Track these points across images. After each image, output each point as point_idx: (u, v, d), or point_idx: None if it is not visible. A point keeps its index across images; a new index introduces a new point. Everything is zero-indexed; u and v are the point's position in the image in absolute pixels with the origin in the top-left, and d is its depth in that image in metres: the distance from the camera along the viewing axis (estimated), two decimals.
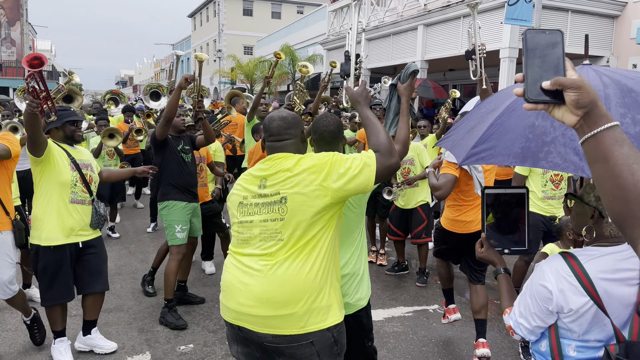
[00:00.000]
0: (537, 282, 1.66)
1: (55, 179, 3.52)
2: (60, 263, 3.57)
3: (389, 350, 3.98)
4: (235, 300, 2.09)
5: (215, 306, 4.80)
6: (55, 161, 3.51)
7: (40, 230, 3.54)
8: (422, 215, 5.47)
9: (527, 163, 1.76)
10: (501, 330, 4.43)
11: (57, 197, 3.55)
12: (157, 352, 3.87)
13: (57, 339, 3.72)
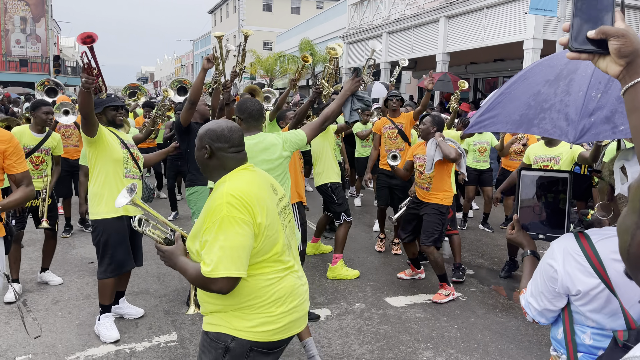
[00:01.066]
0: (545, 260, 1.63)
1: (110, 157, 3.77)
2: (122, 233, 3.82)
3: (412, 335, 3.99)
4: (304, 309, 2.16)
5: None
6: (107, 140, 3.77)
7: (100, 205, 3.77)
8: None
9: (521, 129, 1.80)
10: (524, 318, 4.40)
11: (113, 173, 3.81)
12: (184, 333, 3.95)
13: (103, 314, 3.87)
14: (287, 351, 3.64)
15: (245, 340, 1.96)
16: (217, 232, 1.87)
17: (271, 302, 1.98)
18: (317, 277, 5.28)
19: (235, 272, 1.85)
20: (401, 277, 5.34)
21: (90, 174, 3.83)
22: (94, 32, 3.36)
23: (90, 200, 3.84)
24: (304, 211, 4.49)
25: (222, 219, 1.88)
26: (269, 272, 2.00)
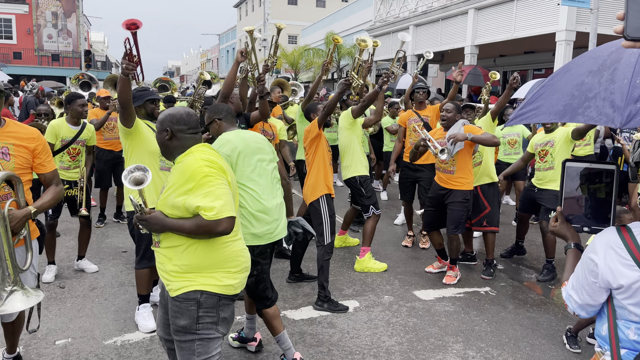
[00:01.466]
0: (586, 254, 1.62)
1: (146, 149, 3.83)
2: None
3: (441, 328, 3.98)
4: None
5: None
6: (144, 132, 3.84)
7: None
8: (484, 201, 5.15)
9: (565, 118, 1.79)
10: (556, 313, 4.35)
11: (148, 165, 3.77)
12: None
13: (142, 304, 3.97)
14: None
15: (213, 293, 2.32)
16: (207, 186, 2.22)
17: (230, 260, 2.37)
18: (344, 270, 5.31)
19: (234, 213, 2.26)
20: (430, 270, 5.33)
21: (126, 166, 3.92)
22: (138, 20, 3.42)
23: (126, 192, 3.94)
24: (333, 204, 4.52)
25: (206, 176, 2.24)
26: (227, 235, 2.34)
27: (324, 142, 4.48)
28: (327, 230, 4.38)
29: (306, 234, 3.71)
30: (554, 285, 5.03)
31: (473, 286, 4.93)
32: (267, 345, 3.67)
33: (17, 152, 2.70)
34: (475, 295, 4.70)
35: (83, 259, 5.10)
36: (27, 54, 32.24)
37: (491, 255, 5.20)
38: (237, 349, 3.61)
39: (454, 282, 4.95)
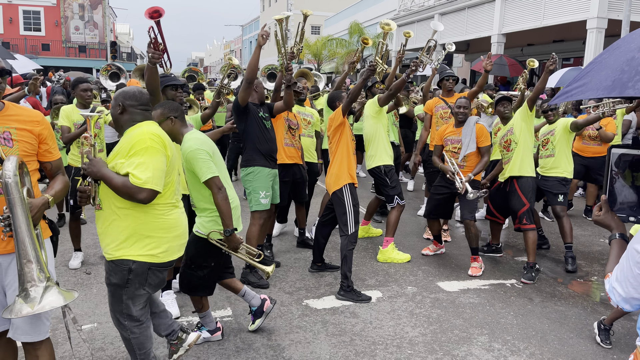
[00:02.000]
0: (632, 245, 1.55)
1: None
2: None
3: (466, 320, 3.91)
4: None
5: (290, 270, 4.92)
6: None
7: None
8: (522, 197, 4.86)
9: (614, 93, 1.72)
10: (585, 307, 4.23)
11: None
12: (238, 309, 4.04)
13: (165, 291, 4.00)
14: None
15: (144, 262, 2.60)
16: (146, 156, 2.47)
17: (164, 229, 2.62)
18: (367, 260, 5.26)
19: (158, 188, 2.50)
20: (426, 253, 5.45)
21: None
22: (160, 7, 3.40)
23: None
24: (356, 193, 4.47)
25: (148, 148, 2.48)
26: (163, 204, 2.61)
27: (347, 130, 4.42)
28: (351, 220, 4.34)
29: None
30: (580, 279, 4.90)
31: (499, 278, 4.83)
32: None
33: (20, 137, 2.39)
34: (501, 287, 4.61)
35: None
36: (54, 46, 32.87)
37: (532, 258, 4.79)
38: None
39: (479, 274, 4.86)
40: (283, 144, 5.06)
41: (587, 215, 7.12)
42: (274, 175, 4.66)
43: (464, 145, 4.98)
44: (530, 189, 4.89)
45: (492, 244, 5.48)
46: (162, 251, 2.64)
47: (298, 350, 3.42)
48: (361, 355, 3.37)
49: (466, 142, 4.96)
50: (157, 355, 3.18)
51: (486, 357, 3.37)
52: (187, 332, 3.09)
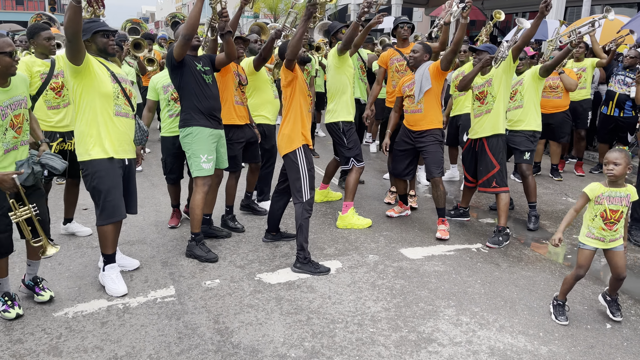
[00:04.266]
0: None
1: (97, 91, 3.33)
2: (114, 176, 3.44)
3: (431, 291, 3.64)
4: None
5: (242, 240, 4.51)
6: (95, 72, 3.32)
7: (88, 144, 3.37)
8: (492, 159, 4.53)
9: None
10: (553, 271, 4.04)
11: (102, 110, 3.38)
12: (182, 287, 3.62)
13: (108, 265, 3.55)
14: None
15: None
16: None
17: None
18: (326, 227, 4.91)
19: None
20: (391, 214, 5.22)
21: (76, 111, 3.37)
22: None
23: (78, 139, 3.42)
24: (311, 155, 4.05)
25: None
26: None
27: (300, 85, 3.94)
28: (306, 186, 3.93)
29: (49, 171, 3.18)
30: (546, 241, 4.72)
31: (464, 243, 4.59)
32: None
33: None
34: (467, 252, 4.36)
35: (72, 221, 4.55)
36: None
37: (504, 221, 4.53)
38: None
39: (447, 237, 4.60)
40: (233, 102, 4.54)
41: (553, 174, 6.94)
42: (217, 136, 4.15)
43: (416, 85, 4.60)
44: (501, 149, 4.56)
45: (459, 207, 5.20)
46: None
47: (249, 333, 3.06)
48: (319, 336, 3.05)
49: (419, 82, 4.59)
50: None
51: (454, 333, 3.11)
52: None
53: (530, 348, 2.96)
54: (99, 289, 3.57)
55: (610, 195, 3.07)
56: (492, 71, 4.51)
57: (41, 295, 3.38)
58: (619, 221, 3.09)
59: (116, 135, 3.42)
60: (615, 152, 3.04)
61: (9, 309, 3.15)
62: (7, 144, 3.00)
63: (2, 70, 2.94)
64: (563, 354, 2.92)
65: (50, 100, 4.08)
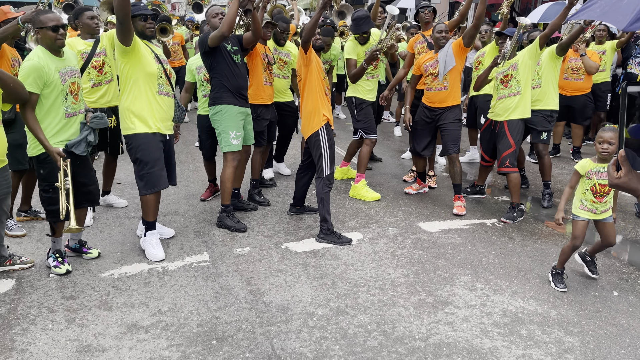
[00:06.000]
0: None
1: (143, 70, 3.59)
2: (156, 149, 3.71)
3: (448, 261, 3.87)
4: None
5: (268, 213, 4.78)
6: (142, 52, 3.59)
7: (133, 120, 3.64)
8: (509, 138, 4.67)
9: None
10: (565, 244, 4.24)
11: (146, 89, 3.64)
12: (215, 253, 3.91)
13: (149, 231, 3.84)
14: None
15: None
16: None
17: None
18: (347, 202, 5.15)
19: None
20: (409, 191, 5.42)
21: (122, 88, 3.66)
22: None
23: (123, 115, 3.70)
24: (332, 133, 4.27)
25: None
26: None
27: (316, 67, 4.15)
28: (326, 162, 4.17)
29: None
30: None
31: (479, 218, 4.80)
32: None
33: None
34: (482, 227, 4.57)
35: (109, 194, 4.85)
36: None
37: (517, 198, 4.71)
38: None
39: (464, 213, 4.81)
40: (262, 83, 4.79)
41: (574, 157, 7.03)
42: (244, 114, 4.39)
43: (440, 63, 4.79)
44: (519, 130, 4.73)
45: (476, 185, 5.40)
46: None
47: (279, 294, 3.33)
48: (343, 297, 3.31)
49: (443, 60, 4.78)
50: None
51: (469, 297, 3.34)
52: None
53: (541, 311, 3.19)
54: (140, 254, 3.87)
55: (599, 171, 3.28)
56: (518, 56, 4.66)
57: (90, 252, 3.72)
58: (608, 194, 3.31)
59: (159, 112, 3.69)
60: (609, 131, 3.21)
61: (59, 265, 3.47)
62: (68, 108, 3.35)
63: (49, 43, 3.26)
64: (571, 316, 3.14)
65: (93, 78, 4.33)
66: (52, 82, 3.24)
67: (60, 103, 3.31)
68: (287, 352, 2.73)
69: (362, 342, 2.83)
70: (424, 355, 2.72)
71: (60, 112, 3.32)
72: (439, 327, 2.99)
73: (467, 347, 2.80)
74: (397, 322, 3.03)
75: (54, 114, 3.30)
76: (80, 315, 3.04)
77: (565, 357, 2.73)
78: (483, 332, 2.95)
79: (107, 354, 2.69)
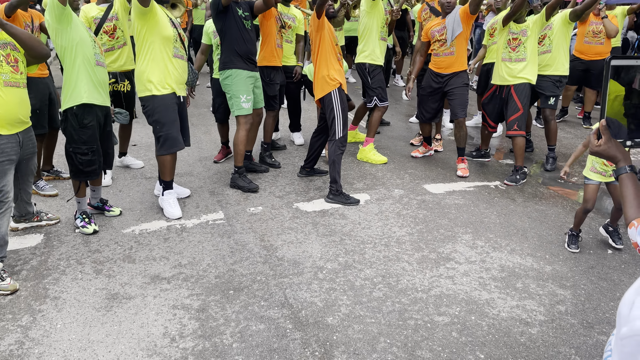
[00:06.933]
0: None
1: (160, 33, 3.72)
2: (172, 110, 3.87)
3: (451, 220, 4.06)
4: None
5: (279, 174, 4.96)
6: (159, 16, 3.71)
7: (150, 81, 3.78)
8: (517, 102, 4.78)
9: None
10: (565, 206, 4.40)
11: (162, 51, 3.78)
12: (230, 212, 4.12)
13: (166, 190, 4.04)
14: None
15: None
16: None
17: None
18: (355, 165, 5.32)
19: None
20: (415, 155, 5.57)
21: (138, 50, 3.79)
22: None
23: (138, 77, 3.84)
24: (345, 96, 4.39)
25: None
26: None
27: (328, 33, 4.24)
28: (339, 124, 4.30)
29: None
30: (561, 180, 5.04)
31: (483, 180, 4.96)
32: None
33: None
34: (485, 189, 4.74)
35: (126, 155, 5.04)
36: None
37: (521, 162, 4.86)
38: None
39: (467, 175, 4.97)
40: (275, 45, 4.88)
41: (584, 122, 7.10)
42: (254, 78, 4.51)
43: (448, 30, 4.87)
44: (526, 94, 4.82)
45: (481, 149, 5.54)
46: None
47: (290, 250, 3.55)
48: (351, 253, 3.52)
49: (450, 26, 4.86)
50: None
51: (470, 254, 3.54)
52: (2, 277, 3.01)
53: (536, 267, 3.39)
54: (158, 212, 4.09)
55: None
56: (528, 22, 4.72)
57: (112, 210, 3.95)
58: None
59: (174, 75, 3.83)
60: None
61: (87, 225, 3.69)
62: (98, 56, 3.56)
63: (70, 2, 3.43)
64: (565, 272, 3.34)
65: (105, 44, 4.44)
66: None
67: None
68: (299, 300, 2.95)
69: (368, 293, 3.05)
70: (425, 305, 2.94)
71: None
72: (440, 281, 3.20)
73: (465, 298, 3.02)
74: (401, 276, 3.24)
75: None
76: (106, 267, 3.28)
77: (556, 308, 2.94)
78: (481, 285, 3.16)
79: (134, 301, 2.93)
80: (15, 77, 3.01)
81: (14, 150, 3.06)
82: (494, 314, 2.87)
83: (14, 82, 3.00)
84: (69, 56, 3.39)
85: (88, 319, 2.77)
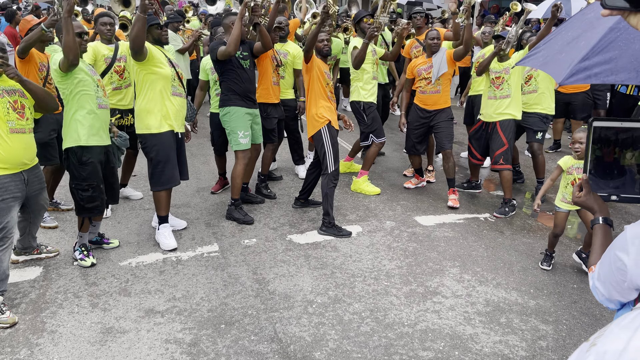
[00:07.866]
0: (614, 250, 1.33)
1: (158, 74, 3.91)
2: (170, 148, 4.02)
3: (440, 253, 4.17)
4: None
5: (274, 205, 5.09)
6: (157, 58, 3.89)
7: (149, 120, 3.94)
8: (502, 137, 4.93)
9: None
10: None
11: (161, 90, 3.95)
12: (224, 244, 4.23)
13: (162, 224, 4.17)
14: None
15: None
16: None
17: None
18: (348, 196, 5.45)
19: None
20: (408, 186, 5.70)
21: (138, 90, 3.96)
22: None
23: (139, 115, 4.00)
24: (335, 132, 4.54)
25: None
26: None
27: (317, 74, 4.45)
28: (330, 158, 4.45)
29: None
30: (551, 212, 5.16)
31: (473, 212, 5.07)
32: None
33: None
34: (475, 221, 4.85)
35: (126, 186, 5.17)
36: None
37: (509, 194, 4.96)
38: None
39: (458, 206, 5.09)
40: (271, 83, 5.08)
41: None
42: (252, 115, 4.68)
43: (434, 69, 5.10)
44: (511, 129, 4.99)
45: (471, 181, 5.67)
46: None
47: (282, 283, 3.65)
48: (341, 287, 3.62)
49: (437, 65, 5.09)
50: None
51: (456, 287, 3.64)
52: (2, 310, 3.11)
53: (521, 301, 3.48)
54: (155, 244, 4.21)
55: (579, 167, 3.61)
56: (511, 60, 4.90)
57: (111, 242, 4.08)
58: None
59: (172, 112, 4.00)
60: (581, 132, 3.61)
61: (85, 258, 3.81)
62: (100, 100, 3.68)
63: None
64: (548, 306, 3.43)
65: (114, 82, 4.60)
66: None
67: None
68: (288, 335, 3.05)
69: (355, 327, 3.14)
70: (410, 340, 3.03)
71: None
72: (426, 315, 3.29)
73: (450, 333, 3.11)
74: (388, 310, 3.34)
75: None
76: (102, 301, 3.39)
77: (538, 343, 3.03)
78: (466, 319, 3.25)
79: (128, 335, 3.03)
80: (21, 124, 3.16)
81: (18, 187, 3.19)
82: (477, 349, 2.96)
83: (19, 129, 3.15)
84: (71, 101, 3.56)
85: (83, 353, 2.87)
